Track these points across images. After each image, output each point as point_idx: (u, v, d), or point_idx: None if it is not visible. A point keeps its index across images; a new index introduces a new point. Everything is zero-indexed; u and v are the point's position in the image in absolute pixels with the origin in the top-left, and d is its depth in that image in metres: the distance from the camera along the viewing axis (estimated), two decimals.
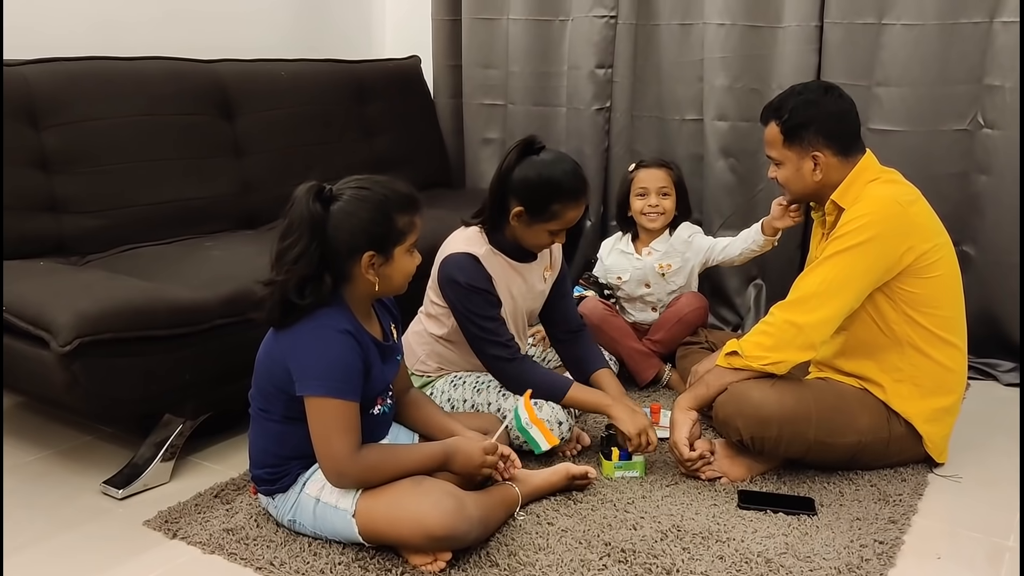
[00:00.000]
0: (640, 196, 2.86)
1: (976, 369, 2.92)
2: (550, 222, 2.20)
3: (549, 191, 2.16)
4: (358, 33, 3.97)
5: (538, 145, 2.23)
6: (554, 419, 2.22)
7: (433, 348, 2.38)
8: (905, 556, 1.90)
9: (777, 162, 2.26)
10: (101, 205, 2.63)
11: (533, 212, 2.18)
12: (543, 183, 2.16)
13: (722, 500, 2.10)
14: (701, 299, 2.89)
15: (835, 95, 2.22)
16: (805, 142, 2.19)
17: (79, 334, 1.91)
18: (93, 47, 2.81)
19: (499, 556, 1.85)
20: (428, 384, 2.39)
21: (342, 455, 1.77)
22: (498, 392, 2.29)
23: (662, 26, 3.33)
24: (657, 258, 2.89)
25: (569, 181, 2.18)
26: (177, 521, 2.01)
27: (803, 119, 2.18)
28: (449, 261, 2.23)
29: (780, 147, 2.23)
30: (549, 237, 2.24)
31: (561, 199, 2.17)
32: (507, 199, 2.20)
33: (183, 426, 2.22)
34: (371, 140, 3.50)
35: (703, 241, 2.92)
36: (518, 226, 2.22)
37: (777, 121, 2.22)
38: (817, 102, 2.20)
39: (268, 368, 1.85)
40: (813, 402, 2.13)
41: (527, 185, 2.17)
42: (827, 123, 2.18)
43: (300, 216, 1.74)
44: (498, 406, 2.26)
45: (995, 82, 2.78)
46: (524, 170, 2.18)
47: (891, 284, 2.13)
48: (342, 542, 1.88)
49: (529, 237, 2.25)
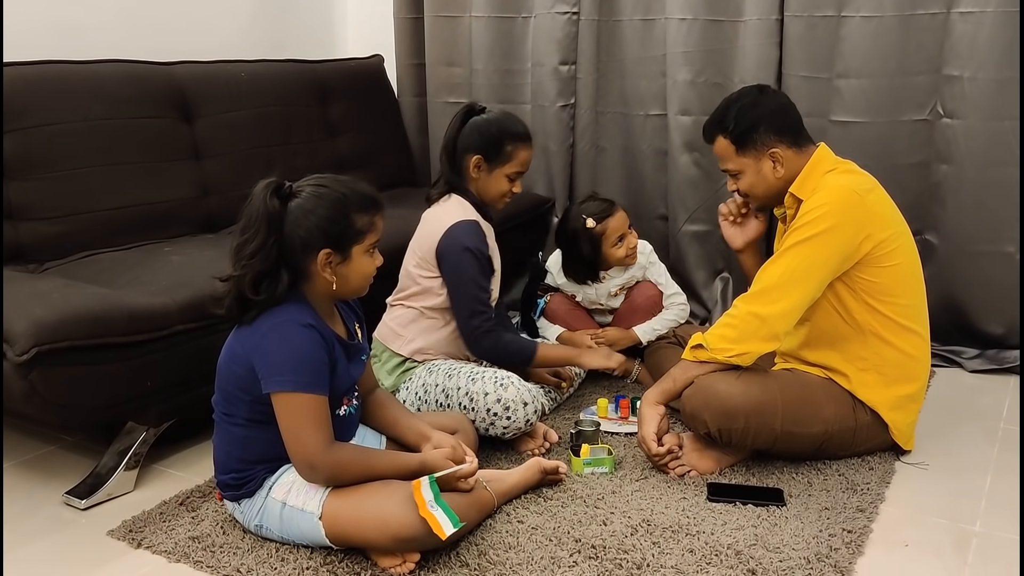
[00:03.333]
0: (619, 244, 2.79)
1: (940, 356, 2.95)
2: (507, 164, 2.38)
3: (502, 135, 2.37)
4: (320, 32, 3.94)
5: (479, 107, 2.44)
6: (519, 399, 2.24)
7: (425, 324, 2.40)
8: (873, 544, 1.91)
9: (734, 173, 2.27)
10: (58, 211, 2.58)
11: (491, 157, 2.37)
12: (495, 128, 2.38)
13: (691, 494, 2.11)
14: (652, 286, 2.91)
15: (770, 92, 2.26)
16: (758, 144, 2.20)
17: (36, 343, 1.87)
18: (48, 50, 2.76)
19: (469, 556, 1.83)
20: (409, 371, 2.40)
21: (313, 449, 1.76)
22: (468, 377, 2.29)
23: (624, 21, 3.33)
24: (615, 283, 2.90)
25: (517, 124, 2.43)
26: (142, 530, 1.98)
27: (749, 122, 2.19)
28: (458, 228, 2.32)
29: (735, 157, 2.24)
30: (508, 183, 2.41)
31: (513, 140, 2.38)
32: (462, 157, 2.39)
33: (146, 434, 2.19)
34: (334, 140, 3.48)
35: (656, 273, 2.91)
36: (479, 178, 2.39)
37: (724, 134, 2.23)
38: (756, 103, 2.22)
39: (231, 370, 1.83)
40: (779, 393, 2.14)
41: (480, 133, 2.37)
42: (774, 119, 2.20)
43: (257, 211, 1.74)
44: (467, 390, 2.27)
45: (954, 72, 2.81)
46: (474, 126, 2.39)
47: (851, 273, 2.14)
48: (309, 546, 1.86)
49: (491, 187, 2.40)
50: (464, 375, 2.31)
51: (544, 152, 3.56)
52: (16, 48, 2.71)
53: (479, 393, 2.26)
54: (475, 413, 2.25)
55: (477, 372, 2.31)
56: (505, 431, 2.26)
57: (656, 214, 3.46)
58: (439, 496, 1.76)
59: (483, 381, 2.27)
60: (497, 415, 2.24)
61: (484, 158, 2.37)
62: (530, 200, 3.51)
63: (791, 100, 2.29)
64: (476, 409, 2.25)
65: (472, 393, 2.26)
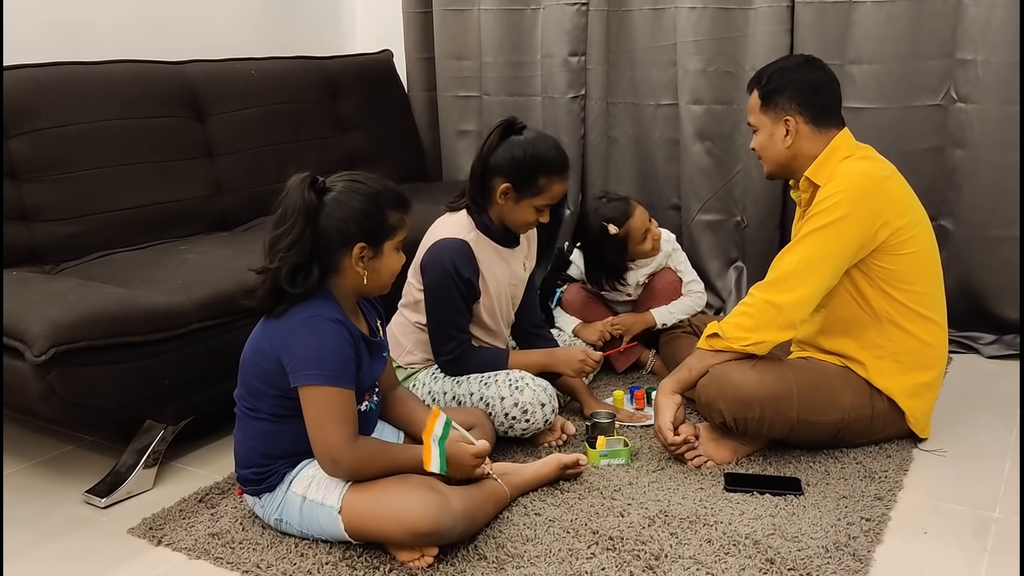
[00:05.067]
0: (644, 240, 2.77)
1: (957, 343, 2.94)
2: (537, 197, 2.23)
3: (536, 166, 2.20)
4: (328, 29, 3.94)
5: (519, 125, 2.27)
6: (536, 401, 2.22)
7: (419, 337, 2.37)
8: (892, 532, 1.90)
9: (755, 128, 2.28)
10: (72, 212, 2.60)
11: (521, 187, 2.22)
12: (530, 158, 2.20)
13: (708, 484, 2.10)
14: (671, 272, 2.90)
15: (815, 66, 2.26)
16: (779, 107, 2.21)
17: (54, 343, 1.89)
18: (59, 51, 2.77)
19: (487, 549, 1.84)
20: (411, 376, 2.39)
21: (337, 443, 1.76)
22: (479, 382, 2.28)
23: (634, 11, 3.32)
24: (645, 272, 2.88)
25: (555, 155, 2.23)
26: (162, 528, 1.99)
27: (778, 85, 2.21)
28: (443, 244, 2.24)
29: (757, 112, 2.26)
30: (535, 214, 2.26)
31: (548, 172, 2.21)
32: (491, 179, 2.23)
33: (165, 431, 2.20)
34: (345, 136, 3.48)
35: (678, 260, 2.92)
36: (505, 205, 2.25)
37: (758, 87, 2.26)
38: (793, 69, 2.24)
39: (256, 364, 1.83)
40: (795, 381, 2.13)
41: (514, 161, 2.21)
42: (801, 90, 2.20)
43: (294, 204, 1.75)
44: (481, 395, 2.26)
45: (967, 56, 2.79)
46: (509, 148, 2.22)
47: (867, 261, 2.13)
48: (329, 541, 1.87)
49: (516, 215, 2.27)
50: (475, 380, 2.29)
51: None
52: (27, 49, 2.72)
53: (495, 398, 2.24)
54: (492, 418, 2.23)
55: (488, 376, 2.29)
56: (524, 432, 2.26)
57: (669, 204, 3.45)
58: (444, 440, 1.80)
59: (496, 385, 2.25)
60: (515, 419, 2.23)
61: (513, 187, 2.21)
62: None
63: (836, 82, 2.26)
64: (493, 415, 2.23)
65: (487, 398, 2.25)
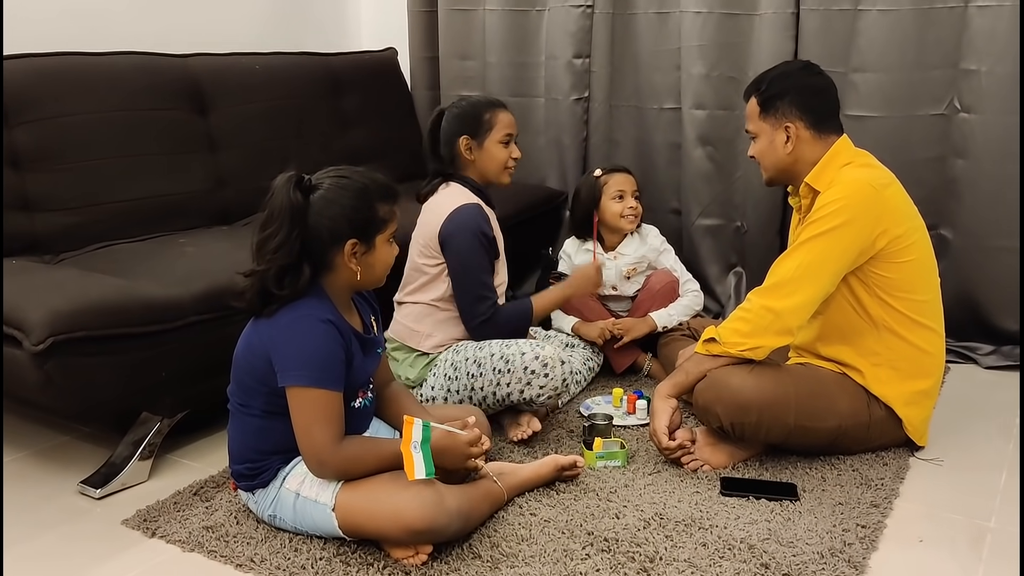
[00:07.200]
0: (618, 199, 2.88)
1: (956, 352, 2.94)
2: (492, 131, 2.41)
3: (475, 110, 2.43)
4: (333, 26, 3.95)
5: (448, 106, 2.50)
6: (556, 357, 2.27)
7: (436, 317, 2.40)
8: (888, 540, 1.90)
9: (753, 135, 2.28)
10: (74, 202, 2.60)
11: (476, 132, 2.41)
12: (468, 107, 2.44)
13: (704, 487, 2.10)
14: (669, 273, 2.92)
15: (814, 72, 2.27)
16: (779, 112, 2.21)
17: (52, 332, 1.88)
18: (64, 42, 2.77)
19: (481, 548, 1.84)
20: (434, 359, 2.40)
21: (323, 445, 1.76)
22: (500, 343, 2.32)
23: (639, 15, 3.32)
24: (626, 261, 2.91)
25: (487, 96, 2.56)
26: (156, 520, 1.99)
27: (778, 90, 2.21)
28: (462, 211, 2.33)
29: (756, 119, 2.25)
30: (504, 149, 2.43)
31: (487, 108, 2.43)
32: (451, 146, 2.43)
33: (161, 424, 2.20)
34: (347, 133, 3.48)
35: (668, 260, 2.96)
36: (475, 158, 2.42)
37: (756, 94, 2.25)
38: (793, 75, 2.25)
39: (248, 361, 1.83)
40: (792, 387, 2.13)
41: (459, 118, 2.43)
42: (801, 95, 2.20)
43: (280, 205, 1.74)
44: (502, 353, 2.29)
45: (971, 66, 2.79)
46: (450, 117, 2.45)
47: (865, 269, 2.13)
48: (323, 537, 1.87)
49: (488, 160, 2.43)
50: (496, 343, 2.32)
51: (557, 145, 3.56)
52: (33, 38, 2.72)
53: (516, 354, 2.27)
54: (511, 375, 2.25)
55: (510, 340, 2.32)
56: (541, 391, 2.25)
57: (669, 208, 3.45)
58: (427, 443, 1.77)
59: (517, 345, 2.29)
60: (535, 372, 2.24)
61: (470, 135, 2.40)
62: (543, 193, 3.52)
63: (833, 87, 2.27)
64: (513, 370, 2.25)
65: (507, 356, 2.27)
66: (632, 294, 2.95)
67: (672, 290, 2.88)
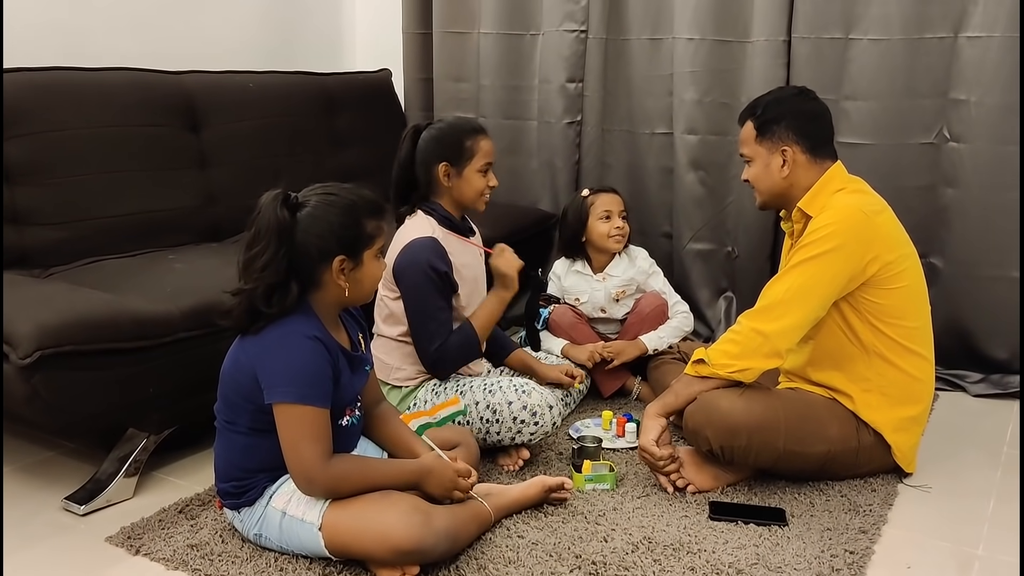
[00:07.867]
0: (605, 219, 2.89)
1: (944, 380, 2.94)
2: (473, 159, 2.33)
3: (457, 134, 2.34)
4: (328, 46, 3.96)
5: (424, 124, 2.40)
6: (544, 403, 2.25)
7: (404, 351, 2.37)
8: (875, 566, 1.90)
9: (748, 159, 2.29)
10: (64, 217, 2.59)
11: (456, 159, 2.33)
12: (449, 130, 2.35)
13: (693, 512, 2.09)
14: (658, 296, 2.93)
15: (809, 97, 2.28)
16: (776, 137, 2.22)
17: (40, 346, 1.87)
18: (58, 57, 2.77)
19: (468, 570, 1.82)
20: (410, 395, 2.37)
21: (311, 462, 1.75)
22: (484, 390, 2.29)
23: (632, 40, 3.34)
24: (615, 284, 2.92)
25: (468, 121, 2.45)
26: (140, 537, 1.97)
27: (775, 115, 2.23)
28: (412, 245, 2.27)
29: (752, 143, 2.26)
30: (482, 178, 2.35)
31: (470, 134, 2.35)
32: (429, 171, 2.34)
33: (147, 440, 2.18)
34: (340, 153, 3.48)
35: (657, 282, 2.97)
36: (452, 184, 2.34)
37: (752, 118, 2.27)
38: (789, 100, 2.27)
39: (234, 379, 1.82)
40: (782, 411, 2.13)
41: (438, 142, 2.34)
42: (798, 119, 2.22)
43: (267, 224, 1.73)
44: (487, 403, 2.26)
45: (960, 96, 2.82)
46: (428, 139, 2.35)
47: (856, 295, 2.14)
48: (309, 557, 1.85)
49: (466, 188, 2.35)
50: (479, 389, 2.29)
51: (549, 168, 3.57)
52: (26, 54, 2.72)
53: (501, 404, 2.25)
54: (500, 424, 2.24)
55: (491, 383, 2.30)
56: (532, 437, 2.25)
57: (661, 232, 3.46)
58: None
59: (502, 391, 2.26)
60: (524, 422, 2.23)
61: (450, 163, 2.32)
62: (534, 216, 3.52)
63: (828, 113, 2.29)
64: (501, 420, 2.24)
65: (494, 405, 2.25)
66: (621, 317, 2.95)
67: (662, 313, 2.88)
